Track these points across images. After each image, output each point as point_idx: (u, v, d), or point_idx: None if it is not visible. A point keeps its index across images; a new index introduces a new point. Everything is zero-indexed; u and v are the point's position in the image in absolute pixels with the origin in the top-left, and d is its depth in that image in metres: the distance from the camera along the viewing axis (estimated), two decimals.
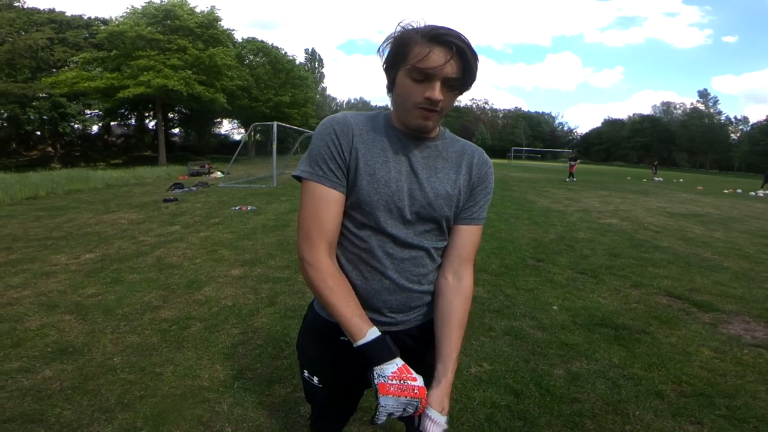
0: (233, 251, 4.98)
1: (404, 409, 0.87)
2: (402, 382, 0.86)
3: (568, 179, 20.54)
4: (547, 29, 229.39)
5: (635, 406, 2.16)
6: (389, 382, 0.85)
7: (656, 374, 2.46)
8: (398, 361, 0.88)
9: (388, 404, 0.85)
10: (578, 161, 22.27)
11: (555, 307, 3.46)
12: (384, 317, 1.03)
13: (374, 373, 0.87)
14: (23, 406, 2.03)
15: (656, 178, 26.53)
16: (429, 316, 1.10)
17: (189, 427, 1.93)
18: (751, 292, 4.04)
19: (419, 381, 0.89)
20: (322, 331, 1.08)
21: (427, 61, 0.84)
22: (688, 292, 3.96)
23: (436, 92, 0.86)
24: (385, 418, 0.86)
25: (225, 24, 27.96)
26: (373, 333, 0.89)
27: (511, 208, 9.43)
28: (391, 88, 0.96)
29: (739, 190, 19.81)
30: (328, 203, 0.94)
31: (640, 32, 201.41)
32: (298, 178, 0.98)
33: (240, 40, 34.86)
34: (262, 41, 36.93)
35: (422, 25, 0.88)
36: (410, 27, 0.89)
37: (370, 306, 1.01)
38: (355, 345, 0.89)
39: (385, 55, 0.93)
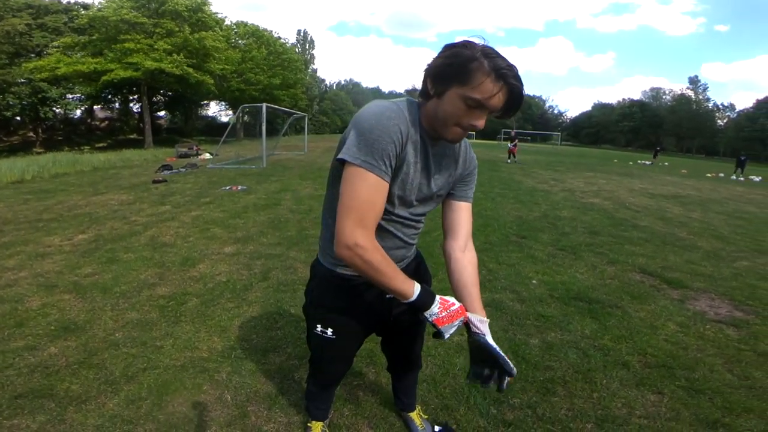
0: (225, 229, 5.07)
1: (458, 326, 1.08)
2: (448, 311, 1.06)
3: (509, 160, 18.49)
4: (540, 14, 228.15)
5: (603, 375, 2.29)
6: (440, 316, 1.05)
7: (624, 346, 2.62)
8: (437, 299, 1.07)
9: (448, 330, 1.06)
10: (517, 141, 19.56)
11: (534, 282, 3.63)
12: None
13: (425, 315, 1.06)
14: (32, 382, 2.10)
15: (645, 162, 26.78)
16: (411, 263, 1.36)
17: (191, 395, 2.04)
18: (720, 270, 4.24)
19: (456, 303, 1.09)
20: (335, 282, 1.26)
21: (492, 100, 0.92)
22: (661, 269, 4.16)
23: (482, 123, 0.96)
24: (449, 336, 1.07)
25: (214, 8, 27.38)
26: (417, 288, 1.05)
27: (498, 187, 9.60)
28: (430, 95, 1.00)
29: (722, 174, 20.29)
30: (383, 194, 1.03)
31: (633, 19, 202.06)
32: (345, 162, 1.00)
33: (229, 23, 34.15)
34: (253, 24, 36.30)
35: (487, 46, 0.92)
36: (479, 49, 0.92)
37: None
38: (407, 302, 1.05)
39: (439, 63, 0.96)
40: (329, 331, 1.30)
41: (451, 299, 1.10)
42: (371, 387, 2.15)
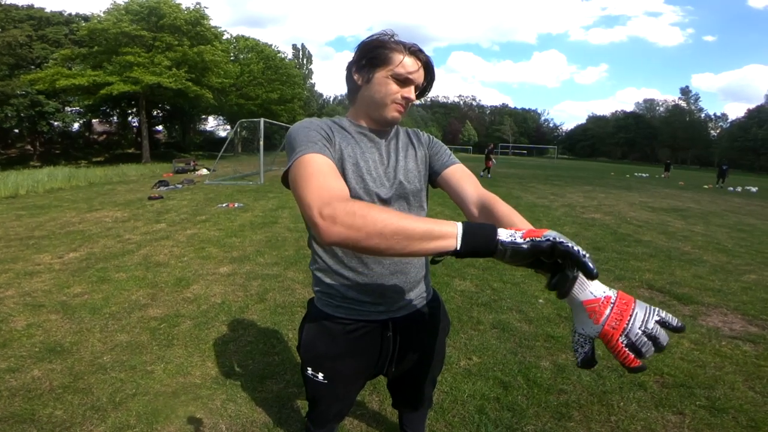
0: (221, 249, 4.95)
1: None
2: (518, 233, 0.68)
3: (482, 173, 17.58)
4: (533, 27, 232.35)
5: (619, 397, 2.21)
6: (517, 229, 0.69)
7: None
8: (500, 230, 0.69)
9: (549, 234, 0.65)
10: (493, 156, 18.65)
11: (541, 301, 3.53)
12: (386, 303, 1.11)
13: (505, 242, 0.67)
14: (13, 407, 2.02)
15: (642, 174, 26.97)
16: (427, 297, 1.21)
17: (182, 423, 1.94)
18: (729, 285, 4.16)
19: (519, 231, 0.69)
20: (327, 326, 1.13)
21: (415, 74, 1.04)
22: (669, 285, 4.07)
23: (413, 94, 1.05)
24: (566, 242, 0.64)
25: (213, 22, 27.53)
26: (459, 224, 0.70)
27: None
28: (359, 86, 1.07)
29: (719, 186, 20.35)
30: (332, 167, 0.89)
31: (624, 31, 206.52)
32: (286, 177, 0.93)
33: (229, 37, 34.44)
34: (253, 39, 36.74)
35: (394, 36, 1.05)
36: (388, 37, 1.04)
37: (372, 292, 1.08)
38: (459, 242, 0.68)
39: (362, 55, 1.05)
40: (320, 376, 1.16)
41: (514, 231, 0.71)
42: (375, 417, 2.03)
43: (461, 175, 1.12)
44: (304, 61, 60.38)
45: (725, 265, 4.94)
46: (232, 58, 33.74)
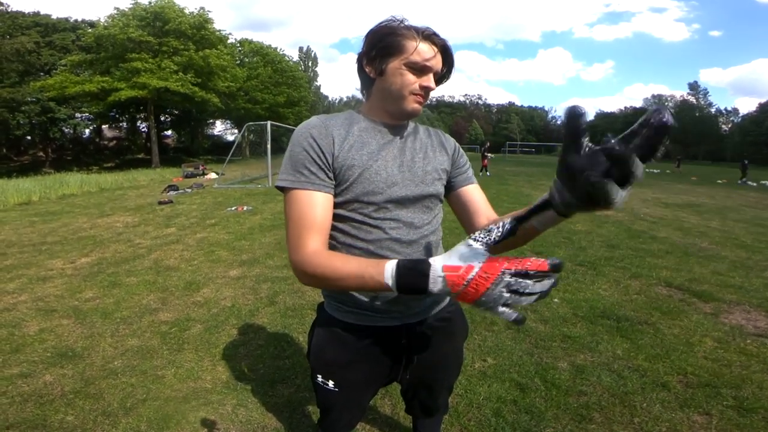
0: (231, 252, 4.94)
1: (513, 288, 0.67)
2: (467, 280, 0.69)
3: (481, 173, 17.58)
4: (537, 25, 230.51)
5: (642, 397, 2.15)
6: (464, 286, 0.70)
7: (661, 365, 2.45)
8: (433, 265, 0.73)
9: (488, 299, 0.68)
10: (489, 155, 18.99)
11: (556, 300, 3.45)
12: (400, 309, 1.05)
13: (441, 293, 0.74)
14: (25, 412, 2.01)
15: (653, 171, 26.65)
16: (441, 303, 1.14)
17: (193, 429, 1.92)
18: (750, 281, 4.04)
19: (477, 260, 0.69)
20: (337, 332, 1.07)
21: (432, 60, 0.96)
22: (688, 282, 3.96)
23: (432, 82, 0.97)
24: (506, 312, 0.68)
25: (217, 26, 27.72)
26: (390, 266, 0.77)
27: (508, 201, 9.42)
28: (372, 79, 1.00)
29: (739, 181, 19.99)
30: (312, 205, 0.94)
31: (629, 27, 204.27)
32: (281, 189, 0.98)
33: (234, 41, 34.66)
34: (259, 42, 36.94)
35: (404, 21, 0.97)
36: (398, 22, 0.97)
37: (385, 297, 1.03)
38: (393, 288, 0.77)
39: (371, 45, 0.98)
40: (331, 384, 1.11)
41: (456, 249, 0.72)
42: (387, 421, 1.98)
43: (482, 197, 1.12)
44: (310, 64, 60.54)
45: (745, 261, 4.80)
46: (237, 62, 33.94)
